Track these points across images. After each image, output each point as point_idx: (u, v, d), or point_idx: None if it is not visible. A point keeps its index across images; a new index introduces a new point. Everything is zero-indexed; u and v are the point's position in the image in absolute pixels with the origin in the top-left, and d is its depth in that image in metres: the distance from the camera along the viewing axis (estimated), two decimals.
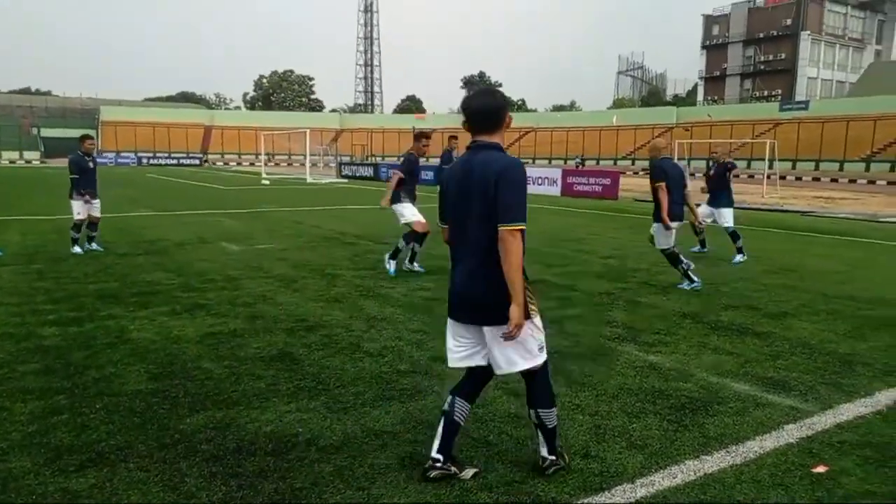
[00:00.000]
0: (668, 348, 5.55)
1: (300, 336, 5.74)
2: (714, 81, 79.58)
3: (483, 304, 3.09)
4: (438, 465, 3.23)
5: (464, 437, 3.71)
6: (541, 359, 3.21)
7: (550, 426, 3.27)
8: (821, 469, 3.44)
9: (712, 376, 4.86)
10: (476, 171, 3.06)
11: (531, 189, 21.58)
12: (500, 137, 3.20)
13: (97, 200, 10.41)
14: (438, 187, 3.36)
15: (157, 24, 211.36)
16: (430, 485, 3.21)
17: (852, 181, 44.60)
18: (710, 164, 11.32)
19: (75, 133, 15.16)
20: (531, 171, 26.49)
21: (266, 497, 3.09)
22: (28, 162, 66.07)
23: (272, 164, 64.10)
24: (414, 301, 7.18)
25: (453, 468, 3.26)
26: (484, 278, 3.07)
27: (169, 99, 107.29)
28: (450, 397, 3.33)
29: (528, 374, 3.24)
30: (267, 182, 33.91)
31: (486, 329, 3.14)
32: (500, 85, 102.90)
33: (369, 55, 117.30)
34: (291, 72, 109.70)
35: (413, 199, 8.89)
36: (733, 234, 10.41)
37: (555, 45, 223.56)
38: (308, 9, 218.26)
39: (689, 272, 8.00)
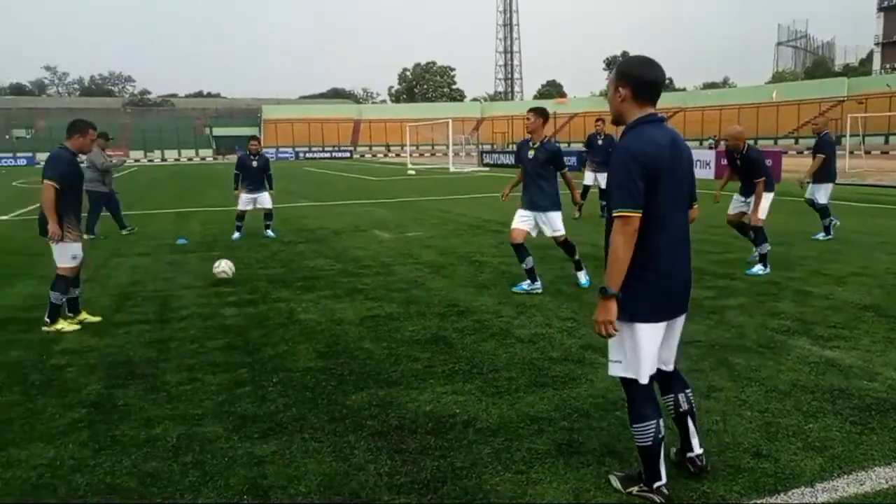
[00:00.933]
0: (847, 343, 5.08)
1: (452, 321, 5.91)
2: (894, 47, 70.78)
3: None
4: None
5: (623, 428, 3.65)
6: None
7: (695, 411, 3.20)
8: None
9: None
10: (685, 150, 2.91)
11: None
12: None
13: (262, 194, 11.34)
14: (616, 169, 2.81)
15: (307, 24, 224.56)
16: (590, 472, 3.19)
17: None
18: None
19: (242, 132, 16.58)
20: None
21: (428, 474, 3.23)
22: (202, 159, 73.09)
23: (417, 154, 66.08)
24: (562, 289, 7.13)
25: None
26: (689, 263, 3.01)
27: (321, 96, 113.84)
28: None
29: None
30: (412, 172, 35.00)
31: (679, 320, 3.05)
32: None
33: (509, 42, 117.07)
34: (433, 63, 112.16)
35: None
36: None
37: (705, 19, 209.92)
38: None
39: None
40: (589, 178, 13.76)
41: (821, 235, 10.06)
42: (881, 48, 72.56)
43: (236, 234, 11.35)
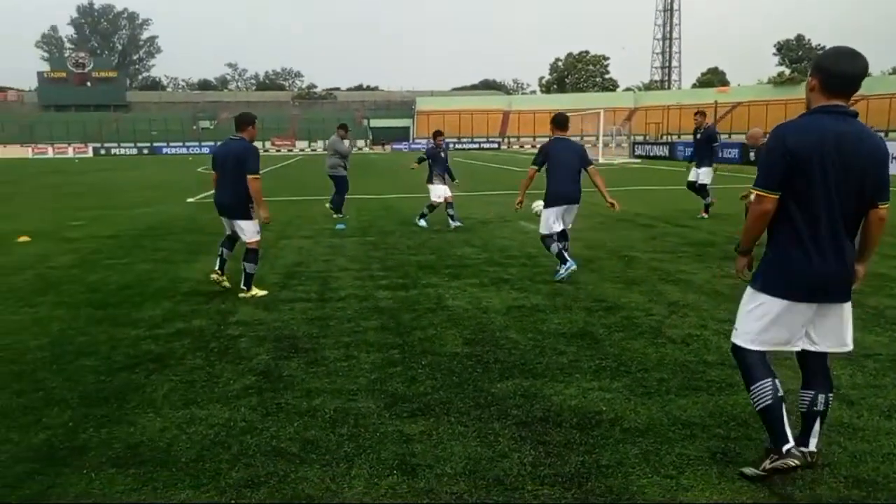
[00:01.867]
0: None
1: (599, 316, 5.79)
2: None
3: (849, 280, 2.99)
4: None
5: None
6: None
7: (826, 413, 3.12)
8: None
9: None
10: (863, 144, 2.84)
11: None
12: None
13: (446, 186, 11.68)
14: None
15: (458, 17, 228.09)
16: (748, 486, 3.01)
17: None
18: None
19: (397, 123, 17.26)
20: None
21: (573, 468, 3.21)
22: (359, 149, 77.04)
23: None
24: (719, 288, 6.73)
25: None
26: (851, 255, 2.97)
27: (472, 87, 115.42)
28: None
29: (830, 357, 3.11)
30: None
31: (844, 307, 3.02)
32: (823, 48, 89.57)
33: (668, 27, 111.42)
34: (587, 52, 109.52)
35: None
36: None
37: None
38: None
39: None
40: (692, 174, 12.72)
41: None
42: None
43: (422, 222, 11.62)
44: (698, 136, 12.73)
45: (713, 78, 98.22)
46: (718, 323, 5.51)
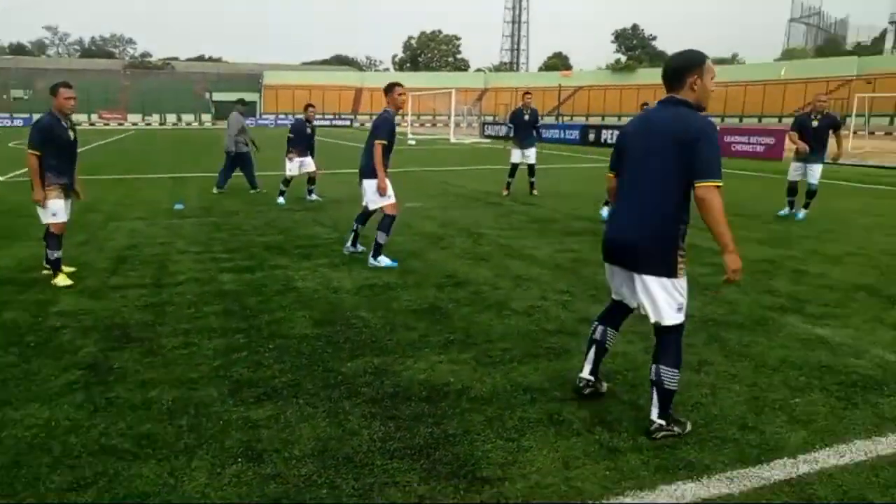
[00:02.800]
0: (838, 322, 5.12)
1: (449, 291, 5.94)
2: None
3: (639, 250, 3.27)
4: (591, 383, 3.70)
5: (615, 400, 3.72)
6: (677, 319, 3.29)
7: (667, 387, 3.29)
8: None
9: (889, 354, 4.44)
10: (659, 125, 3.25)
11: None
12: (686, 95, 3.25)
13: (309, 158, 11.97)
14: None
15: None
16: (580, 441, 3.25)
17: None
18: (814, 115, 10.00)
19: (243, 97, 16.51)
20: None
21: (422, 439, 3.28)
22: (201, 124, 72.58)
23: (418, 124, 65.62)
24: (559, 262, 7.15)
25: (598, 385, 3.74)
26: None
27: (324, 63, 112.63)
28: (599, 326, 3.69)
29: (661, 330, 3.32)
30: (413, 142, 34.81)
31: (637, 277, 3.31)
32: (655, 39, 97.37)
33: (517, 11, 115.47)
34: (439, 32, 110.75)
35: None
36: (814, 193, 10.20)
37: None
38: None
39: None
40: (516, 155, 12.99)
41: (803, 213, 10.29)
42: (895, 28, 71.58)
43: (281, 200, 11.59)
44: (526, 117, 12.94)
45: (558, 62, 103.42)
46: (558, 294, 5.87)
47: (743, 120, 59.30)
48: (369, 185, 6.96)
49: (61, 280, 6.03)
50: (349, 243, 7.55)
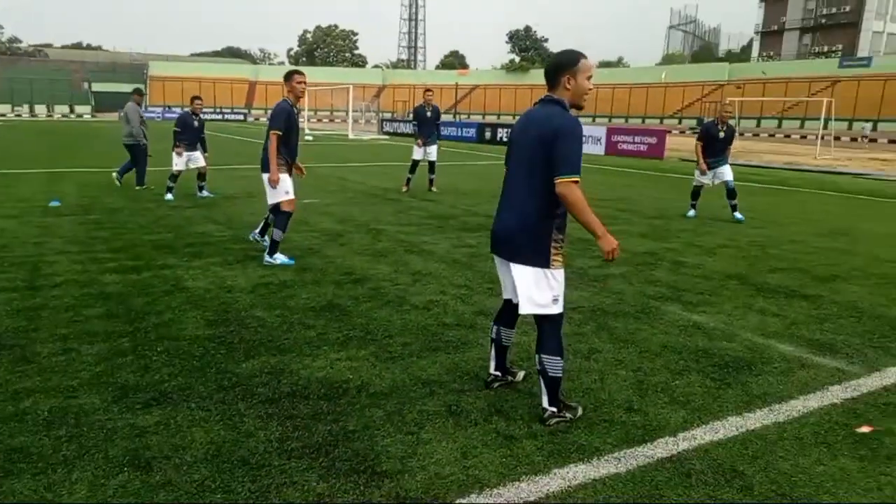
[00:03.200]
0: (712, 308, 5.53)
1: (347, 288, 5.89)
2: (771, 36, 76.06)
3: (512, 240, 3.41)
4: (499, 377, 3.85)
5: (511, 389, 3.83)
6: (553, 310, 3.38)
7: (552, 375, 3.40)
8: (865, 429, 3.44)
9: (757, 337, 4.85)
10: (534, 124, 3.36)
11: None
12: (562, 94, 3.34)
13: (198, 153, 11.53)
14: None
15: None
16: (477, 431, 3.33)
17: None
18: (720, 125, 10.19)
19: (125, 87, 15.63)
20: None
21: (320, 437, 3.25)
22: (79, 116, 67.71)
23: (315, 119, 64.39)
24: (457, 257, 7.27)
25: (509, 377, 3.88)
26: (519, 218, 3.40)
27: (215, 54, 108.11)
28: (494, 326, 3.83)
29: (539, 320, 3.44)
30: (310, 138, 34.14)
31: (511, 266, 3.42)
32: (546, 41, 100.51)
33: (413, 9, 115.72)
34: (336, 27, 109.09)
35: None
36: (734, 191, 10.26)
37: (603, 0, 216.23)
38: None
39: None
40: (418, 152, 13.04)
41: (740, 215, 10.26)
42: (760, 37, 77.78)
43: (169, 196, 11.09)
44: (428, 114, 12.95)
45: (454, 61, 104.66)
46: (456, 288, 5.97)
47: (628, 120, 62.48)
48: (264, 178, 6.73)
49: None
50: (257, 231, 7.53)
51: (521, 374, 3.94)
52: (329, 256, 7.14)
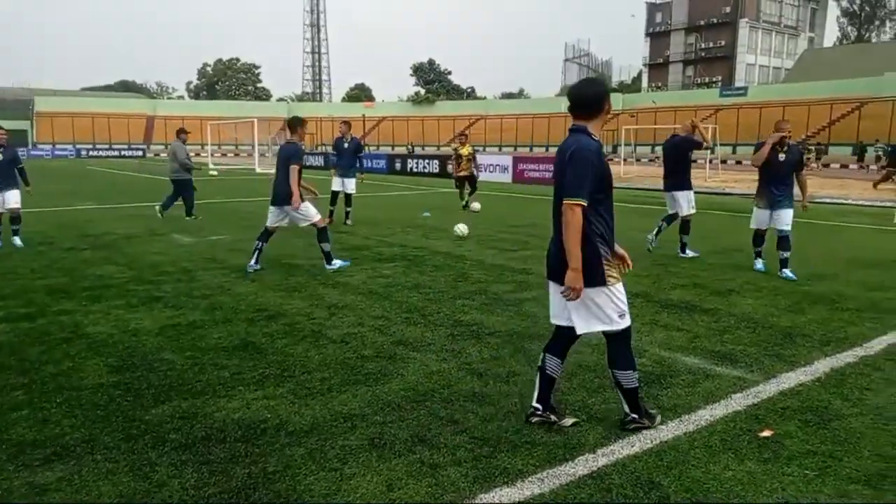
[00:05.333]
0: None
1: (261, 325, 5.74)
2: (658, 68, 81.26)
3: (560, 266, 3.48)
4: (539, 412, 3.73)
5: (433, 417, 3.83)
6: (621, 325, 3.53)
7: (627, 386, 3.64)
8: (767, 433, 3.67)
9: (664, 351, 5.09)
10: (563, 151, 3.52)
11: (482, 176, 21.68)
12: (589, 122, 3.56)
13: (11, 192, 9.97)
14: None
15: (93, 10, 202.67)
16: (401, 462, 3.31)
17: None
18: (779, 145, 7.94)
19: (9, 125, 14.64)
20: (480, 159, 26.41)
21: (239, 481, 3.13)
22: None
23: (219, 154, 62.67)
24: (373, 288, 7.23)
25: (552, 416, 3.73)
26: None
27: (108, 88, 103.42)
28: (543, 354, 3.81)
29: (608, 337, 3.62)
30: (215, 173, 33.20)
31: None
32: (450, 73, 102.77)
33: (316, 42, 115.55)
34: (237, 60, 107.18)
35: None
36: (788, 241, 8.06)
37: (503, 34, 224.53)
38: None
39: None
40: (337, 183, 12.96)
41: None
42: (648, 69, 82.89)
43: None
44: (345, 145, 12.93)
45: (360, 93, 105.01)
46: (374, 319, 5.93)
47: (532, 149, 64.62)
48: (287, 208, 7.93)
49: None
50: (252, 261, 8.06)
51: (569, 421, 3.73)
52: (240, 294, 6.93)
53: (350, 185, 12.99)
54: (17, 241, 10.00)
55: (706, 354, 5.04)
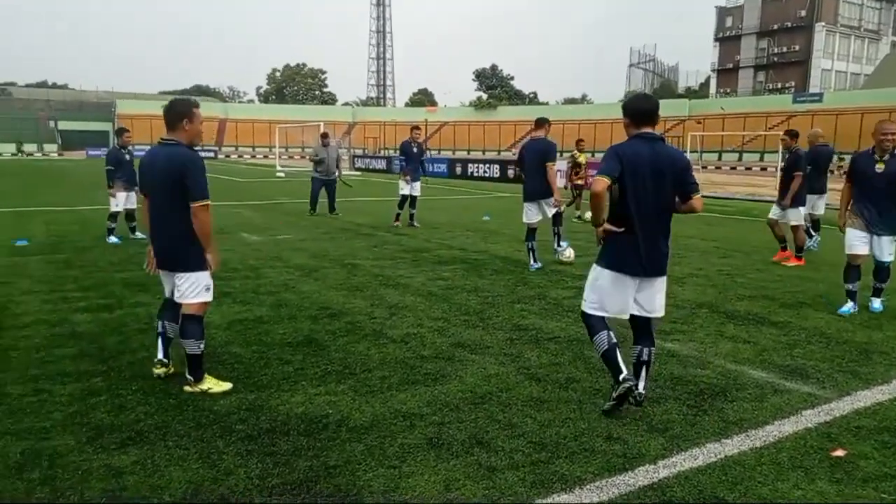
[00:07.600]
0: (685, 336, 5.63)
1: (324, 323, 5.87)
2: (727, 74, 78.84)
3: (663, 261, 4.08)
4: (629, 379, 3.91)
5: (491, 420, 3.84)
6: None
7: (653, 361, 4.18)
8: (839, 453, 3.52)
9: (730, 363, 4.94)
10: (662, 160, 3.88)
11: None
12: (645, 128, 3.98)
13: (133, 193, 10.62)
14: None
15: (170, 18, 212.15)
16: (459, 463, 3.33)
17: None
18: (877, 154, 6.46)
19: (93, 126, 15.47)
20: None
21: (301, 474, 3.22)
22: (46, 155, 66.70)
23: (286, 156, 64.40)
24: (433, 290, 7.29)
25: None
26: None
27: (184, 92, 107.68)
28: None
29: (656, 320, 4.14)
30: (282, 174, 34.13)
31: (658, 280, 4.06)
32: (512, 78, 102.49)
33: (381, 48, 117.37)
34: (304, 65, 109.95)
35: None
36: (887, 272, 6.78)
37: (567, 39, 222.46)
38: (321, 2, 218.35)
39: None
40: (405, 187, 13.22)
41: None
42: (717, 74, 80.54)
43: (113, 239, 10.47)
44: (415, 149, 13.29)
45: (423, 98, 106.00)
46: (433, 321, 5.98)
47: (595, 154, 63.71)
48: (547, 202, 8.69)
49: None
50: (532, 261, 8.70)
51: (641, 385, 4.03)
52: (304, 292, 7.11)
53: (416, 187, 13.26)
54: (139, 234, 10.69)
55: (775, 368, 4.86)
